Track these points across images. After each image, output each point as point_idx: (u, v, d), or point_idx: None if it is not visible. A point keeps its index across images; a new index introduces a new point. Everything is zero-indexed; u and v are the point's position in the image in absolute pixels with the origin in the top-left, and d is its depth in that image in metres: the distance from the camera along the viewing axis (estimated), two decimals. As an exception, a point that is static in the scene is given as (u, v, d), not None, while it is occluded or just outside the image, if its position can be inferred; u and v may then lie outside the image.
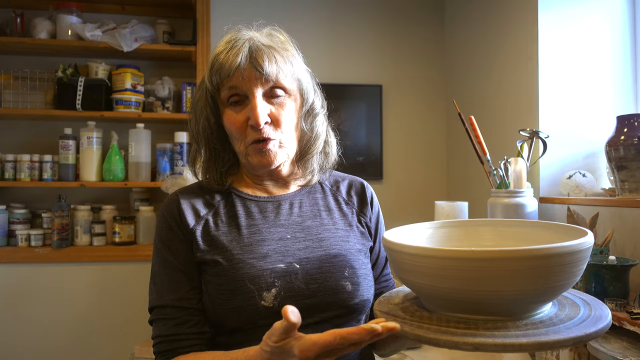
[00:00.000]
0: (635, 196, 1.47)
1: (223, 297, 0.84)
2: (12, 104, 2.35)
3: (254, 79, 0.87)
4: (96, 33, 2.37)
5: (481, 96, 2.33)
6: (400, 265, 0.74)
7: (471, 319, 0.70)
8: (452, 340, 0.64)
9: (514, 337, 0.64)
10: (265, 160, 0.90)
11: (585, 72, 1.85)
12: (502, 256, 0.64)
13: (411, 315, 0.75)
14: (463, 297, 0.68)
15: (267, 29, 0.94)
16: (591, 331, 0.65)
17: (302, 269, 0.87)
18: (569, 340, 0.63)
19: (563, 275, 0.66)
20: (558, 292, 0.69)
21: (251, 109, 0.87)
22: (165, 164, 2.46)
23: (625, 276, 1.29)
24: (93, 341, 2.36)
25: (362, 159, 2.70)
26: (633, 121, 1.49)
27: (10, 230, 2.37)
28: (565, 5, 1.85)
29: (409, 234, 0.88)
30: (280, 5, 2.65)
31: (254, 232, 0.90)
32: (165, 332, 0.85)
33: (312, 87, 0.96)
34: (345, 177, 1.08)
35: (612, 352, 1.16)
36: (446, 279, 0.67)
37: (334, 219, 0.97)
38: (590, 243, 0.69)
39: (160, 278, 0.89)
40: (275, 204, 0.96)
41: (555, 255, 0.64)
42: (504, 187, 1.74)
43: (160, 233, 0.91)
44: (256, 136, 0.88)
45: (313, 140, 0.97)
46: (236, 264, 0.86)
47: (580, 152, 1.85)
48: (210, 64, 0.90)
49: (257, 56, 0.87)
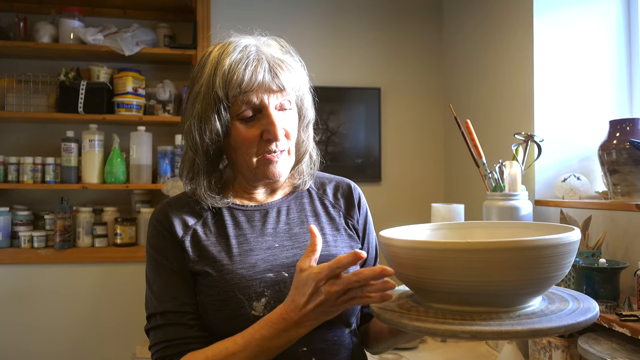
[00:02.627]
0: (627, 199, 1.50)
1: (214, 307, 0.86)
2: (15, 107, 2.38)
3: (271, 93, 0.87)
4: (98, 37, 2.40)
5: (477, 100, 2.35)
6: (397, 260, 0.77)
7: (466, 311, 0.73)
8: (451, 329, 0.68)
9: (510, 325, 0.68)
10: (275, 172, 0.90)
11: (580, 76, 1.87)
12: (497, 247, 0.68)
13: (408, 310, 0.78)
14: (459, 288, 0.71)
15: (267, 39, 0.93)
16: (581, 319, 0.69)
17: (291, 277, 0.88)
18: (561, 328, 0.67)
19: (552, 266, 0.70)
20: (548, 283, 0.72)
21: (270, 123, 0.87)
22: (166, 166, 2.49)
23: (615, 279, 1.31)
24: (95, 342, 2.39)
25: (361, 161, 2.72)
26: (625, 126, 1.51)
27: (13, 232, 2.40)
28: (561, 9, 1.87)
29: (405, 234, 0.90)
30: (280, 8, 2.67)
31: (242, 242, 0.91)
32: (171, 337, 0.85)
33: (310, 97, 0.98)
34: (332, 178, 1.07)
35: (602, 353, 1.19)
36: (443, 270, 0.71)
37: (321, 224, 0.98)
38: (577, 238, 0.73)
39: (158, 285, 0.89)
40: (262, 212, 0.96)
41: (545, 246, 0.68)
42: (499, 190, 1.76)
43: (152, 241, 0.91)
44: (270, 149, 0.88)
45: (307, 149, 0.99)
46: (226, 274, 0.87)
47: (575, 155, 1.87)
48: (224, 74, 0.86)
49: (276, 71, 0.87)
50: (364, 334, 1.04)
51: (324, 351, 0.89)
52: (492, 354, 1.76)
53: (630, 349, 1.20)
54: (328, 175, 1.08)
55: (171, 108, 2.54)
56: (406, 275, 0.77)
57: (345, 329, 0.94)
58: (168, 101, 2.54)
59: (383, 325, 0.97)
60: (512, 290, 0.71)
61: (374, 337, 1.02)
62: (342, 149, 2.70)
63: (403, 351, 1.74)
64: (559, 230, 0.80)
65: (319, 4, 2.71)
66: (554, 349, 1.41)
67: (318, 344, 0.88)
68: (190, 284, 0.89)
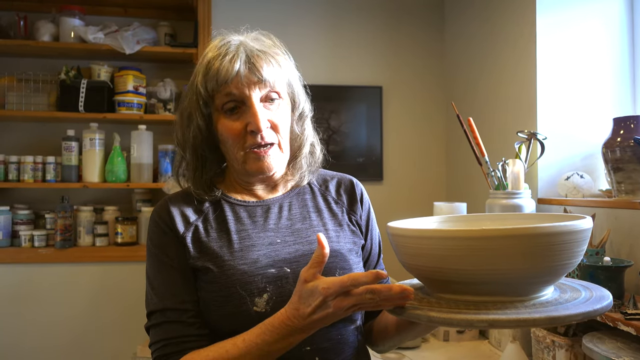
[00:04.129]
0: (632, 197, 1.49)
1: (216, 303, 0.85)
2: (15, 106, 2.38)
3: (252, 84, 0.87)
4: (98, 35, 2.39)
5: (480, 98, 2.34)
6: (408, 250, 0.75)
7: (480, 301, 0.71)
8: (467, 319, 0.66)
9: (527, 313, 0.66)
10: (264, 166, 0.90)
11: (583, 74, 1.86)
12: (511, 234, 0.66)
13: (419, 302, 0.75)
14: (473, 278, 0.69)
15: (255, 33, 0.94)
16: (598, 307, 0.68)
17: (293, 272, 0.87)
18: (578, 315, 0.66)
19: (565, 254, 0.69)
20: (561, 271, 0.71)
21: (252, 114, 0.87)
22: (167, 165, 2.48)
23: (620, 277, 1.30)
24: (95, 341, 2.39)
25: (363, 160, 2.71)
26: (629, 123, 1.50)
27: (14, 231, 2.40)
28: (563, 8, 1.86)
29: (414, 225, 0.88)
30: (281, 7, 2.67)
31: (244, 238, 0.90)
32: (171, 335, 0.84)
33: (302, 90, 0.97)
34: (334, 175, 1.06)
35: (607, 352, 1.18)
36: (457, 259, 0.69)
37: (324, 220, 0.97)
38: (589, 225, 0.72)
39: (158, 282, 0.88)
40: (264, 208, 0.95)
41: (559, 233, 0.67)
42: (501, 188, 1.75)
43: (154, 238, 0.91)
44: (256, 141, 0.88)
45: (304, 143, 0.98)
46: (227, 270, 0.86)
47: (579, 153, 1.86)
48: (205, 69, 0.89)
49: (254, 62, 0.87)
50: (369, 332, 1.02)
51: (328, 350, 0.87)
52: (495, 353, 1.75)
53: (635, 348, 1.19)
54: (330, 172, 1.08)
55: (172, 107, 2.53)
56: (416, 266, 0.75)
57: (350, 326, 0.93)
58: (169, 100, 2.53)
59: (389, 322, 0.96)
60: (525, 279, 0.69)
61: (379, 335, 1.00)
62: (344, 148, 2.69)
63: (405, 350, 1.73)
64: (568, 219, 0.79)
65: (320, 2, 2.70)
66: (558, 348, 1.40)
67: (322, 342, 0.87)
68: (191, 281, 0.88)
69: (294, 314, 0.75)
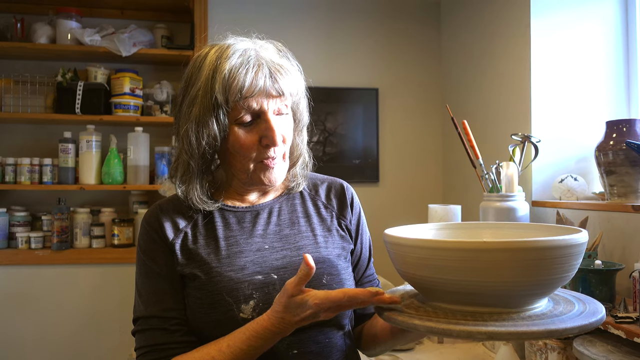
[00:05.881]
0: (624, 200, 1.49)
1: (202, 310, 0.85)
2: (12, 108, 2.38)
3: (270, 98, 0.86)
4: (95, 38, 2.39)
5: (475, 100, 2.35)
6: (406, 259, 0.75)
7: (477, 311, 0.72)
8: (466, 330, 0.66)
9: (525, 326, 0.67)
10: (272, 178, 0.90)
11: (577, 77, 1.86)
12: (512, 247, 0.67)
13: (416, 310, 0.76)
14: (470, 288, 0.70)
15: (271, 43, 0.93)
16: (593, 320, 0.69)
17: (280, 279, 0.87)
18: (575, 329, 0.67)
19: (564, 267, 0.71)
20: (558, 284, 0.73)
21: (269, 129, 0.86)
22: (164, 167, 2.49)
23: (611, 280, 1.31)
24: (92, 343, 2.39)
25: (359, 162, 2.72)
26: (622, 127, 1.51)
27: (10, 233, 2.40)
28: (558, 11, 1.86)
29: (411, 233, 0.88)
30: (278, 9, 2.67)
31: (232, 244, 0.90)
32: (153, 342, 0.85)
33: (306, 102, 0.97)
34: (325, 179, 1.06)
35: (597, 355, 1.18)
36: (455, 270, 0.69)
37: (312, 225, 0.97)
38: (586, 239, 0.74)
39: (146, 289, 0.89)
40: (253, 213, 0.95)
41: (560, 247, 0.69)
42: (496, 191, 1.76)
43: (143, 245, 0.92)
44: (269, 155, 0.88)
45: (302, 152, 0.98)
46: (214, 277, 0.86)
47: (572, 156, 1.87)
48: (224, 78, 0.84)
49: (276, 76, 0.86)
50: (359, 336, 1.02)
51: (316, 354, 0.88)
52: (488, 356, 1.75)
53: (625, 351, 1.19)
54: (320, 175, 1.07)
55: (169, 109, 2.53)
56: (413, 275, 0.75)
57: (338, 331, 0.93)
58: (165, 102, 2.54)
59: (380, 327, 0.96)
60: (522, 291, 0.70)
61: (370, 339, 1.00)
62: (340, 150, 2.70)
63: (399, 352, 1.74)
64: (568, 232, 0.80)
65: (317, 4, 2.71)
66: (550, 351, 1.40)
67: (309, 346, 0.87)
68: (178, 289, 0.89)
69: (279, 322, 0.77)
